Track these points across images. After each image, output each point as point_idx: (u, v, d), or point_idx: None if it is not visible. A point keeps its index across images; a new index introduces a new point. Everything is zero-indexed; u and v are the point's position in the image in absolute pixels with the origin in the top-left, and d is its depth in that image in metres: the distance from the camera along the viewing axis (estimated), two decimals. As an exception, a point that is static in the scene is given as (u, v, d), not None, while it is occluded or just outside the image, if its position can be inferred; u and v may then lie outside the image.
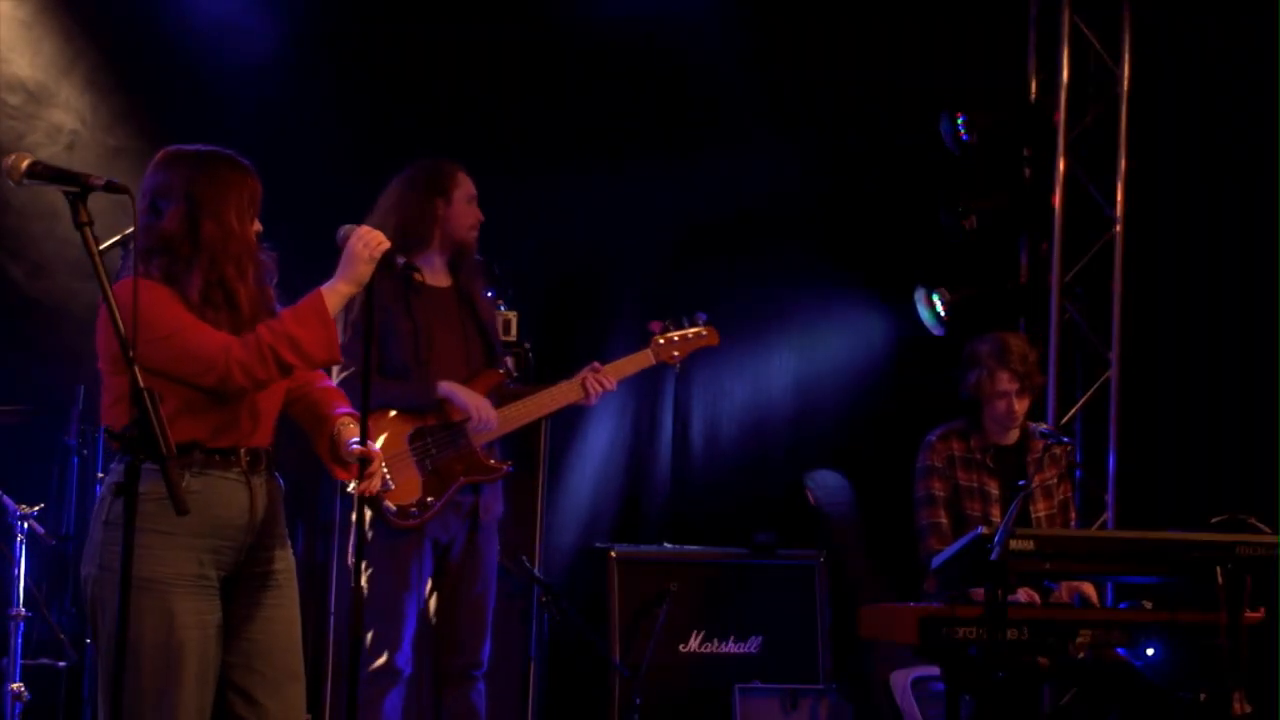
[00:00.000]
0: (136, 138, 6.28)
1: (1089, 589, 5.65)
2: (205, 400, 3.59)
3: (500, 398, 5.16)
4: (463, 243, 5.15)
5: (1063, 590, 5.63)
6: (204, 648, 3.58)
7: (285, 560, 3.75)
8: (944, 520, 5.63)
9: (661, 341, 5.35)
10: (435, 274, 5.15)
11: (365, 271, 3.74)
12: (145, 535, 3.46)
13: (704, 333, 5.41)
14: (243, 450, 3.65)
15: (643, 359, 5.34)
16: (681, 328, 5.38)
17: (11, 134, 6.20)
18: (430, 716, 5.17)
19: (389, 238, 4.99)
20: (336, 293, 3.70)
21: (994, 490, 5.67)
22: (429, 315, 5.08)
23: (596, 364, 5.25)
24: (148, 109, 6.38)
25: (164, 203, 3.62)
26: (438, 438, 5.02)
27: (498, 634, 5.25)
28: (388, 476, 4.90)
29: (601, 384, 5.20)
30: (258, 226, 3.71)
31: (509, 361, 5.50)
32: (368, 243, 3.75)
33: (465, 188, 5.17)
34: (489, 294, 5.28)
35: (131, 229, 4.55)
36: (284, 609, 3.73)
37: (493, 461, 5.12)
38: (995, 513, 5.62)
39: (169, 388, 3.50)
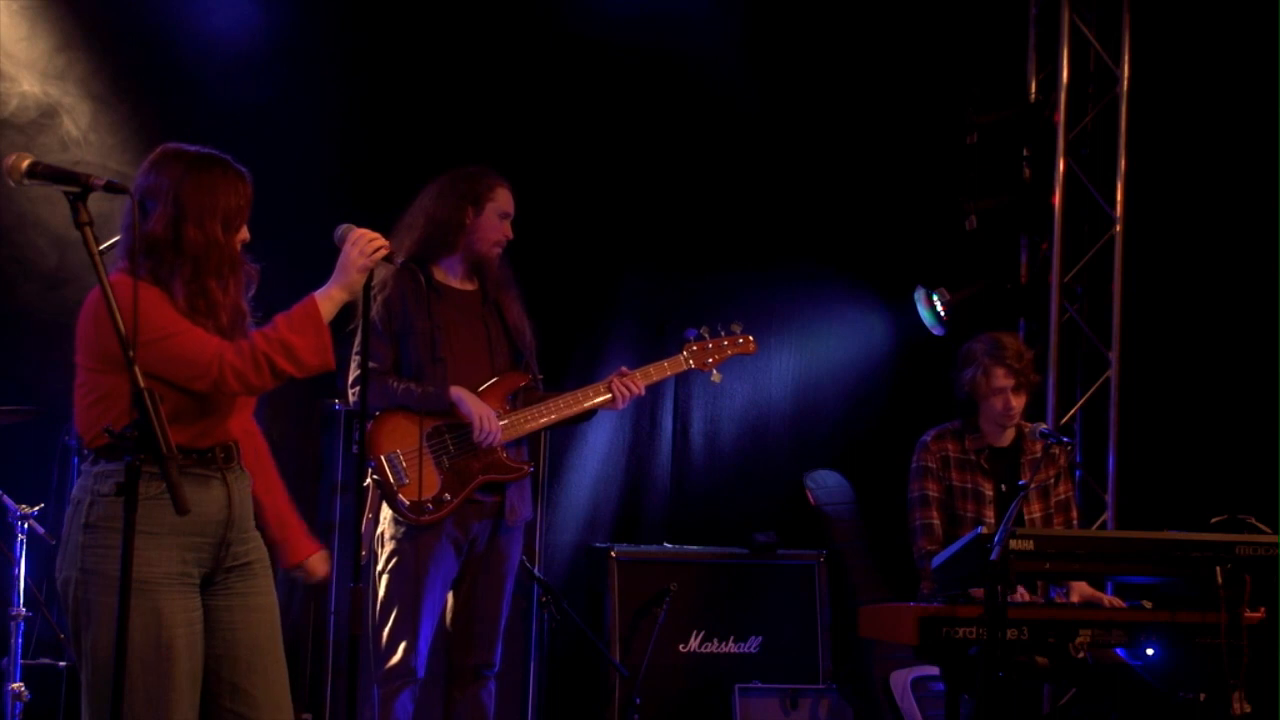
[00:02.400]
0: (136, 163, 6.24)
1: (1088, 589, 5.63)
2: (192, 405, 3.58)
3: (527, 401, 5.14)
4: (483, 256, 5.13)
5: (1073, 594, 5.61)
6: (192, 646, 3.57)
7: (260, 550, 3.75)
8: (936, 521, 5.63)
9: (696, 348, 5.32)
10: (459, 278, 5.15)
11: (359, 279, 3.75)
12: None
13: (741, 341, 5.40)
14: (218, 448, 3.65)
15: (675, 364, 5.31)
16: (718, 336, 5.35)
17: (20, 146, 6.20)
18: (439, 714, 5.16)
19: (418, 235, 5.05)
20: (330, 299, 3.70)
21: (988, 491, 5.66)
22: (448, 316, 5.07)
23: (624, 368, 5.22)
24: (146, 109, 6.37)
25: (151, 204, 3.58)
26: (456, 435, 5.00)
27: (498, 634, 5.25)
28: (404, 469, 4.90)
29: (629, 388, 5.16)
30: (245, 235, 3.67)
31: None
32: (362, 249, 3.75)
33: (500, 203, 5.14)
34: (519, 301, 5.25)
35: (133, 230, 4.57)
36: (263, 595, 3.72)
37: (514, 461, 5.10)
38: (988, 513, 5.61)
39: (159, 390, 3.50)
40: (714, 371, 5.36)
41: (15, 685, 5.54)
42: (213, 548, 3.63)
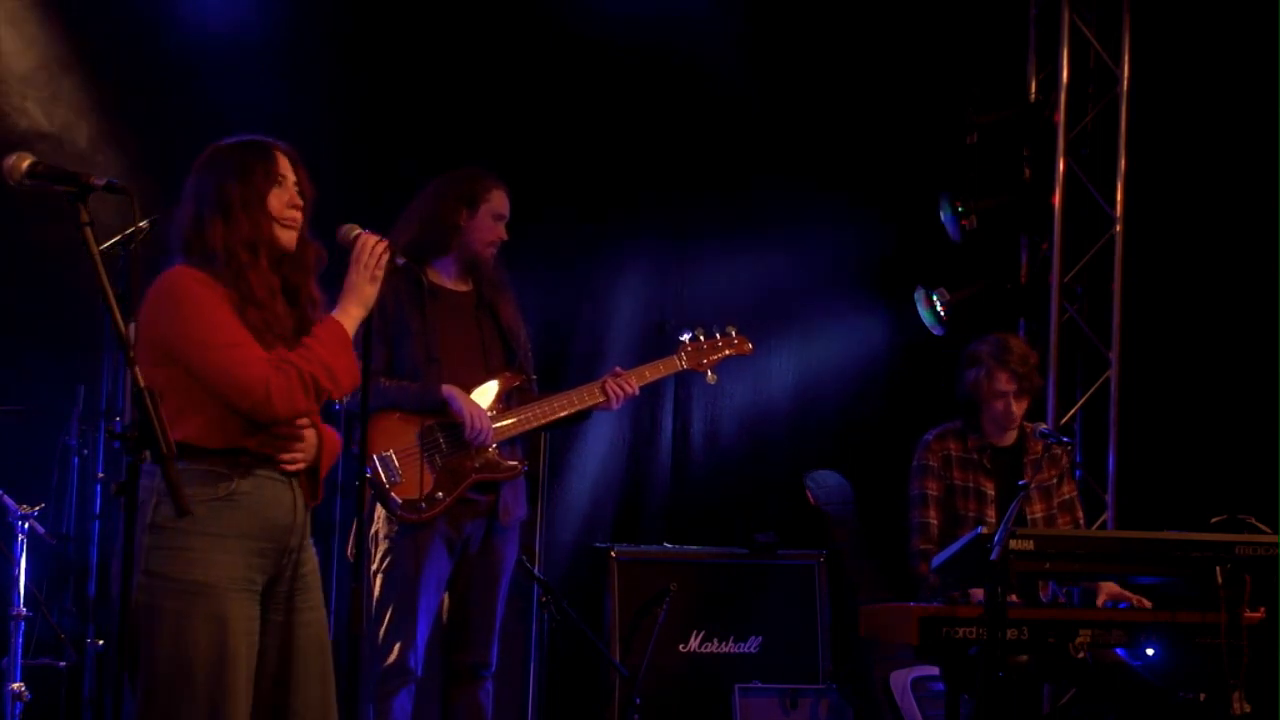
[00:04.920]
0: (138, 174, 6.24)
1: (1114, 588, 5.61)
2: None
3: (521, 401, 5.13)
4: (477, 257, 5.11)
5: (1100, 594, 5.60)
6: (251, 655, 3.57)
7: (313, 559, 3.75)
8: (933, 521, 5.63)
9: (691, 349, 5.31)
10: (453, 279, 5.14)
11: (371, 293, 3.77)
12: (196, 538, 3.49)
13: (737, 342, 5.38)
14: None
15: (670, 364, 5.29)
16: (713, 337, 5.34)
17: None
18: (437, 714, 5.15)
19: (412, 236, 5.04)
20: (350, 318, 3.73)
21: (990, 490, 5.66)
22: (441, 317, 5.05)
23: (618, 368, 5.20)
24: (146, 114, 6.37)
25: (185, 205, 3.66)
26: (448, 434, 4.97)
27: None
28: (397, 468, 4.89)
29: (623, 388, 5.14)
30: (279, 208, 3.67)
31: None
32: (365, 264, 3.76)
33: (495, 205, 5.12)
34: (514, 302, 5.24)
35: (132, 229, 4.59)
36: (315, 611, 3.73)
37: (507, 460, 5.07)
38: (990, 513, 5.61)
39: (209, 397, 3.53)
40: (709, 372, 5.34)
41: (15, 685, 5.54)
42: (279, 553, 3.64)
